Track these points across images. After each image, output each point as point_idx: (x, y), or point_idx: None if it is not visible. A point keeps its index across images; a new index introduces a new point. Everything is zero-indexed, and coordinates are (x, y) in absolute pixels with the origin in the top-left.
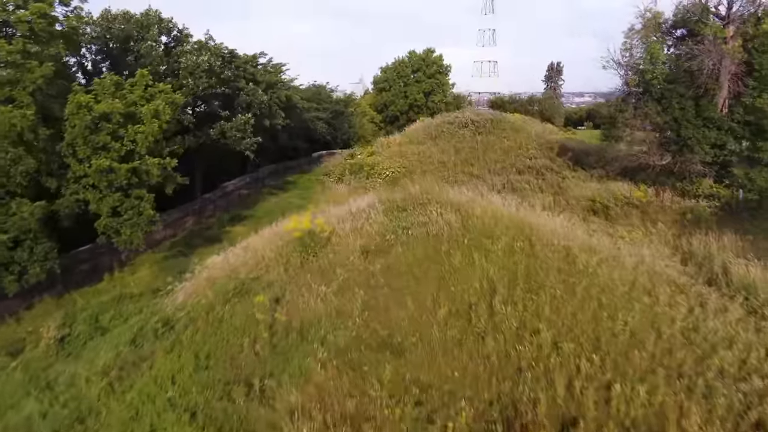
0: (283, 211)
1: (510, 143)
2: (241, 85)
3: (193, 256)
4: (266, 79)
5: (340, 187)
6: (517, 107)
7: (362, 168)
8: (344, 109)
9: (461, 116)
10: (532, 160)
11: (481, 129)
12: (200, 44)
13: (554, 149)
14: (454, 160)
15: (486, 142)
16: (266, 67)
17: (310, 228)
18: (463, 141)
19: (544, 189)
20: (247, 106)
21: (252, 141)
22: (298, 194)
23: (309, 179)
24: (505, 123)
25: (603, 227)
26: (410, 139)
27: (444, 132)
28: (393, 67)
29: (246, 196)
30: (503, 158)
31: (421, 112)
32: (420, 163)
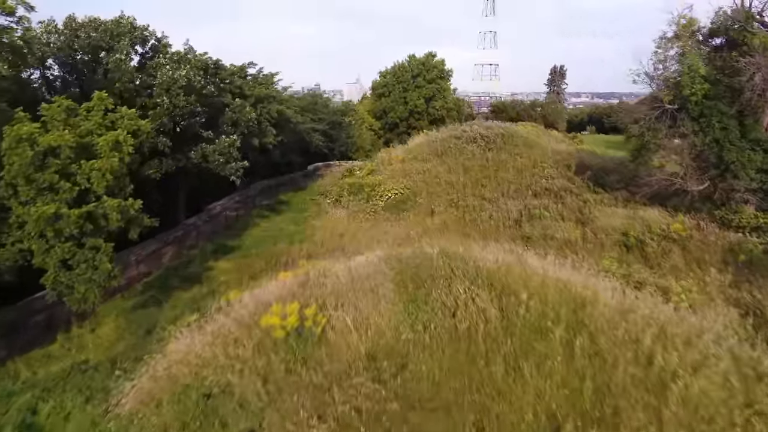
0: (275, 240)
1: (524, 161)
2: (226, 101)
3: (167, 304)
4: (255, 93)
5: (338, 212)
6: (519, 112)
7: (362, 188)
8: (342, 119)
9: (469, 130)
10: (548, 181)
11: (492, 145)
12: (178, 56)
13: (571, 166)
14: (464, 181)
15: (497, 159)
16: (256, 78)
17: (297, 325)
18: (472, 158)
19: (565, 216)
20: (234, 124)
21: (238, 166)
22: (292, 218)
23: (303, 199)
24: (518, 138)
25: (649, 276)
26: (414, 155)
27: (451, 148)
28: (392, 71)
29: (234, 220)
30: (517, 178)
31: (421, 118)
32: (425, 183)
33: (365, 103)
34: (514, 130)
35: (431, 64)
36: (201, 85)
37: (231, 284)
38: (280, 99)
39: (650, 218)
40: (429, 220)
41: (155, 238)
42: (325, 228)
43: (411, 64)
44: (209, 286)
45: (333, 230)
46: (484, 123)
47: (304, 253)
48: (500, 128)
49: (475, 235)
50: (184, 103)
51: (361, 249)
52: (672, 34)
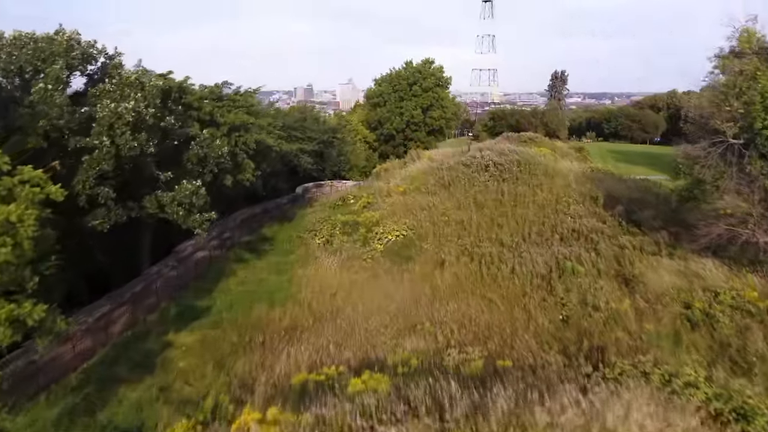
0: (253, 298)
1: (545, 195)
2: (193, 132)
3: (103, 413)
4: (229, 120)
5: (329, 259)
6: (519, 119)
7: (357, 227)
8: (333, 138)
9: (479, 156)
10: (576, 221)
11: (506, 174)
12: (127, 82)
13: (598, 199)
14: (477, 220)
15: (514, 192)
16: (233, 100)
17: None
18: (485, 191)
19: (602, 270)
20: (201, 161)
21: (203, 218)
22: (275, 264)
23: (289, 235)
24: (536, 166)
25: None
26: (416, 184)
27: (459, 177)
28: (387, 79)
29: (207, 266)
30: (539, 216)
31: (418, 129)
32: (432, 223)
33: (358, 113)
34: (531, 155)
35: (428, 71)
36: (157, 117)
37: (191, 374)
38: (261, 124)
39: (709, 277)
40: (438, 273)
41: (108, 297)
42: (313, 281)
43: (407, 72)
44: (164, 378)
45: (323, 285)
46: (497, 146)
47: (286, 323)
48: (515, 154)
49: (498, 300)
50: (132, 143)
51: (358, 319)
52: (729, 50)
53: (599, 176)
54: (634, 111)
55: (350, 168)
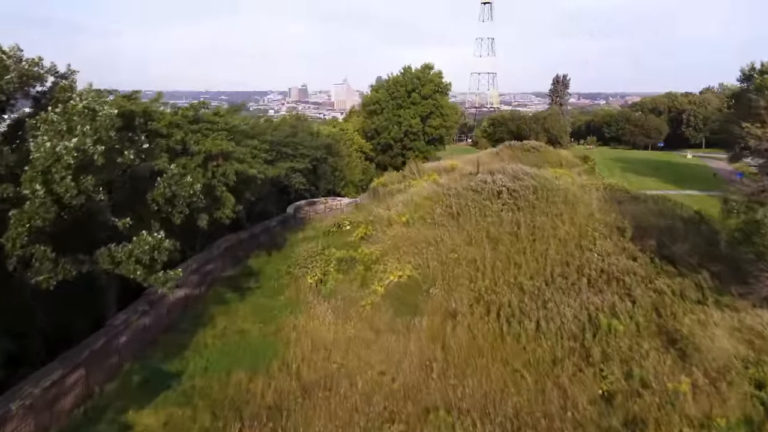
0: (231, 360)
1: (567, 227)
2: (159, 166)
3: None
4: (206, 148)
5: (322, 306)
6: (520, 125)
7: (354, 264)
8: (327, 156)
9: (491, 182)
10: (604, 260)
11: (521, 202)
12: (72, 110)
13: (626, 231)
14: (492, 259)
15: (532, 224)
16: (211, 122)
17: None
18: (498, 222)
19: (642, 326)
20: (169, 200)
21: (168, 277)
22: (261, 308)
23: (278, 268)
24: (555, 192)
25: None
26: (420, 213)
27: (469, 206)
28: (385, 85)
29: (182, 310)
30: (562, 254)
31: (417, 139)
32: (440, 263)
33: (354, 120)
34: (548, 180)
35: (427, 77)
36: (113, 152)
37: None
38: (242, 152)
39: None
40: (450, 329)
41: (62, 359)
42: (303, 336)
43: (405, 77)
44: None
45: (315, 340)
46: (510, 169)
47: (270, 399)
48: (531, 178)
49: (524, 370)
50: (75, 191)
51: (357, 400)
52: None
53: (618, 196)
54: (635, 115)
55: (345, 184)
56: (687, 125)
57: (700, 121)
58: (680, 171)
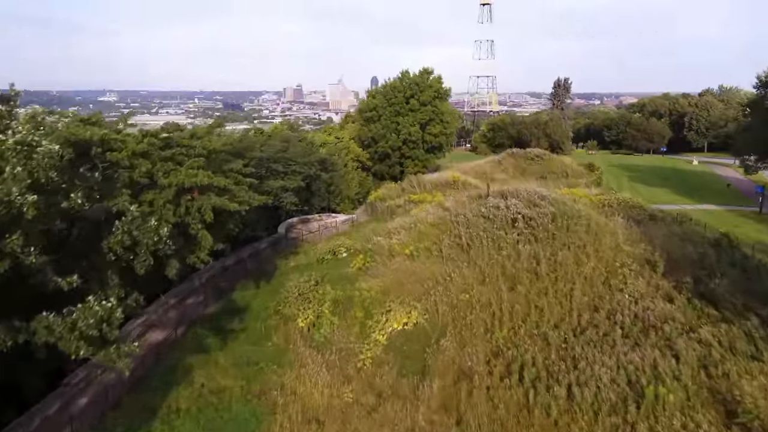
0: None
1: (593, 263)
2: (120, 205)
3: None
4: (178, 180)
5: (314, 361)
6: (521, 130)
7: (351, 306)
8: (321, 172)
9: (504, 207)
10: (638, 303)
11: (539, 231)
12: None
13: (657, 266)
14: (510, 302)
15: (553, 259)
16: (187, 146)
17: None
18: (515, 256)
19: (692, 391)
20: (130, 247)
21: (122, 353)
22: (245, 359)
23: (266, 305)
24: (576, 221)
25: None
26: (426, 243)
27: (481, 236)
28: (382, 90)
29: (154, 361)
30: (589, 296)
31: (416, 147)
32: (450, 306)
33: (350, 127)
34: (568, 206)
35: (426, 83)
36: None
37: None
38: (224, 181)
39: None
40: (465, 396)
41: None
42: (292, 402)
43: (403, 83)
44: None
45: (305, 409)
46: (524, 192)
47: None
48: (548, 204)
49: None
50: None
51: None
52: None
53: (635, 214)
54: (636, 118)
55: (341, 199)
56: (689, 129)
57: (702, 125)
58: (689, 180)
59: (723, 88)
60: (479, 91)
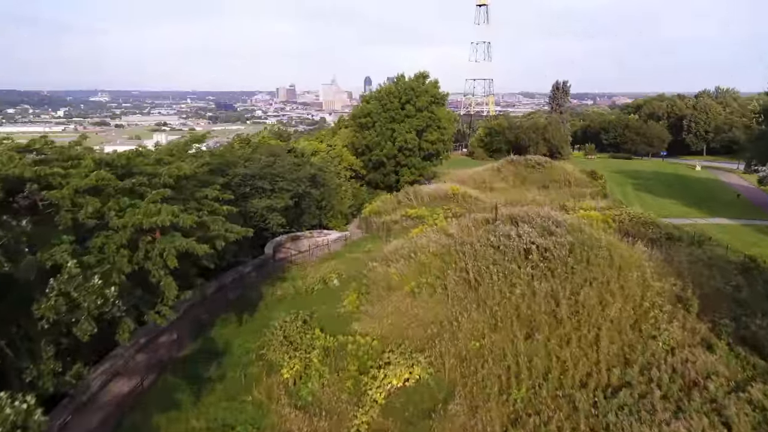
0: None
1: (619, 303)
2: (57, 258)
3: None
4: (135, 221)
5: (300, 423)
6: (519, 134)
7: (344, 352)
8: (311, 190)
9: (516, 237)
10: (675, 353)
11: (556, 265)
12: None
13: (691, 306)
14: (528, 353)
15: (574, 299)
16: (151, 174)
17: None
18: (531, 296)
19: None
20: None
21: None
22: (220, 422)
23: (248, 347)
24: (596, 252)
25: None
26: (429, 278)
27: (490, 270)
28: (377, 95)
29: (114, 425)
30: (619, 345)
31: (412, 154)
32: (459, 358)
33: (343, 134)
34: (587, 234)
35: (422, 88)
36: None
37: None
38: (195, 216)
39: None
40: None
41: None
42: None
43: (399, 88)
44: None
45: None
46: (537, 216)
47: None
48: (565, 232)
49: None
50: None
51: None
52: None
53: (651, 233)
54: (634, 121)
55: (333, 215)
56: (688, 132)
57: (701, 128)
58: (695, 188)
59: (720, 90)
60: (476, 94)
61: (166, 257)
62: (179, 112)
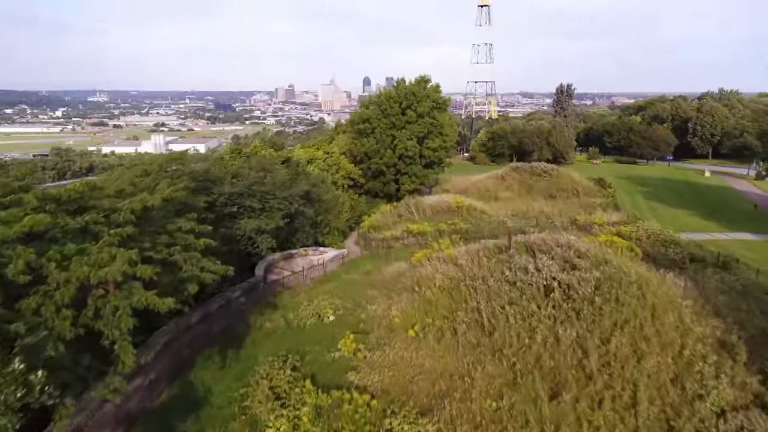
0: None
1: (656, 353)
2: None
3: None
4: (81, 275)
5: None
6: (522, 139)
7: (338, 412)
8: (304, 209)
9: (533, 270)
10: (726, 419)
11: (582, 304)
12: None
13: (738, 352)
14: (554, 418)
15: (604, 347)
16: (114, 206)
17: None
18: (554, 344)
19: None
20: None
21: None
22: None
23: (230, 395)
24: (627, 289)
25: None
26: (436, 318)
27: (506, 311)
28: (376, 100)
29: None
30: (660, 407)
31: (413, 162)
32: (474, 425)
33: (340, 140)
34: (614, 265)
35: (423, 92)
36: None
37: None
38: (153, 269)
39: None
40: None
41: None
42: None
43: (399, 92)
44: None
45: None
46: (557, 247)
47: None
48: (590, 265)
49: None
50: None
51: None
52: None
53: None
54: (638, 124)
55: (330, 231)
56: (693, 135)
57: (707, 131)
58: (708, 197)
59: (723, 92)
60: (477, 96)
61: (119, 318)
62: (178, 112)
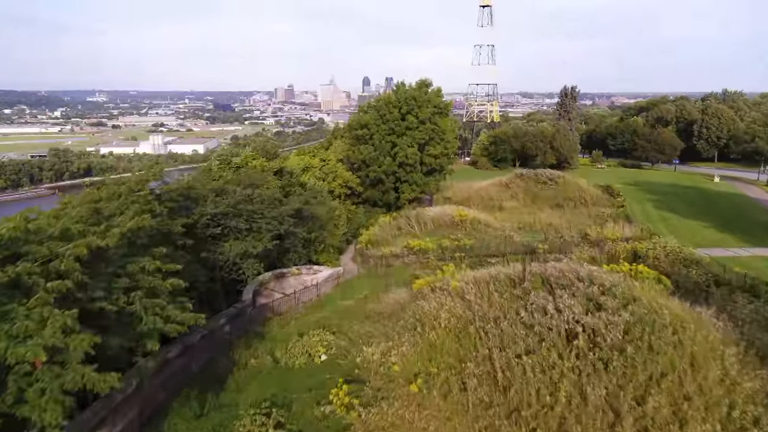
0: None
1: (700, 417)
2: None
3: None
4: (19, 353)
5: None
6: (525, 143)
7: None
8: (296, 230)
9: (553, 311)
10: None
11: (610, 354)
12: None
13: None
14: None
15: (639, 408)
16: (56, 250)
17: None
18: (580, 403)
19: None
20: None
21: None
22: None
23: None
24: (661, 335)
25: None
26: (441, 366)
27: (523, 360)
28: (375, 105)
29: None
30: None
31: (413, 170)
32: None
33: (337, 147)
34: (645, 304)
35: (424, 97)
36: None
37: None
38: (93, 337)
39: None
40: None
41: None
42: None
43: (399, 97)
44: None
45: None
46: (578, 279)
47: None
48: (617, 305)
49: None
50: None
51: None
52: None
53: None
54: (643, 127)
55: (324, 249)
56: (699, 137)
57: (713, 133)
58: (721, 206)
59: (728, 93)
60: (478, 97)
61: (46, 405)
62: (177, 112)
